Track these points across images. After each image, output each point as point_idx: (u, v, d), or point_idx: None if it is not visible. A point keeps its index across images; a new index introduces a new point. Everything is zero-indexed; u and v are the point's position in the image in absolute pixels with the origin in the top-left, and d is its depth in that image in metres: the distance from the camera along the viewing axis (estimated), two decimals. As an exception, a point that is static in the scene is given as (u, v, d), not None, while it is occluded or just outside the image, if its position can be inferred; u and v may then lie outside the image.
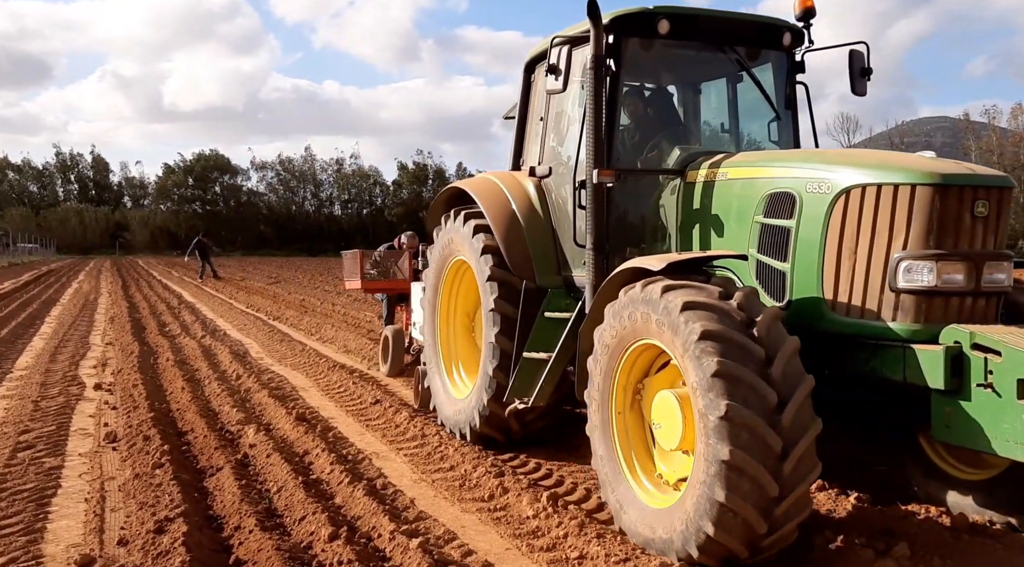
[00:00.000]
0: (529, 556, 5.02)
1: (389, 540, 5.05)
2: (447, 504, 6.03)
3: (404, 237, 13.08)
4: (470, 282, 7.84)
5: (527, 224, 7.07)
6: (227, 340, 15.14)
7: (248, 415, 8.67)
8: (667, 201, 6.34)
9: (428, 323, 8.32)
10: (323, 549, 4.88)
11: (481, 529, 5.51)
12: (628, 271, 5.33)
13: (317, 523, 5.23)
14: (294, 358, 13.01)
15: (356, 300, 24.07)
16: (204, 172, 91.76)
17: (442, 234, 8.01)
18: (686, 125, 7.32)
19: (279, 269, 45.34)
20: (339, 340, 15.02)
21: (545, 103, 7.25)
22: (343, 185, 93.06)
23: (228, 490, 6.03)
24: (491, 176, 7.73)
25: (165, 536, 4.96)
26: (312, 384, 10.90)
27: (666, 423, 4.94)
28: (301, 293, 27.31)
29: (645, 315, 4.87)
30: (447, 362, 8.13)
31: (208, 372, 11.35)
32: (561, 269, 6.98)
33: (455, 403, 7.75)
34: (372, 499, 5.78)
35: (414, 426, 8.10)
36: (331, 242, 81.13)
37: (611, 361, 5.29)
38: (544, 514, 5.56)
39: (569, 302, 6.76)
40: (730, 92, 7.05)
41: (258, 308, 21.85)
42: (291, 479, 6.19)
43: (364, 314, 19.45)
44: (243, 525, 5.29)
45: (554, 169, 7.03)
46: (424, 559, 4.68)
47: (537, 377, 6.63)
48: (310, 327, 17.24)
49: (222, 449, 7.20)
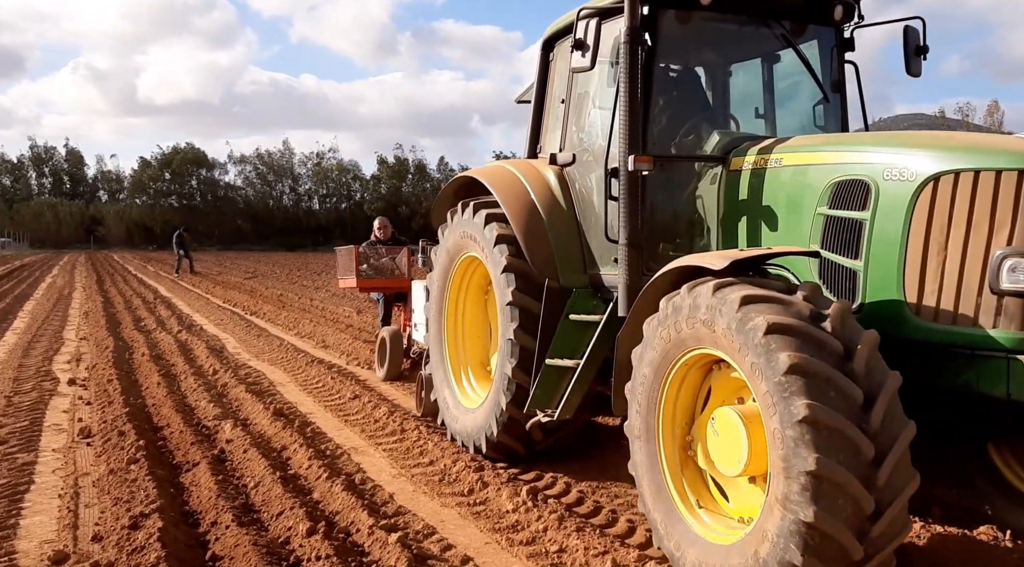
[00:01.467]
0: (509, 550, 5.00)
1: (368, 535, 5.02)
2: (426, 499, 6.00)
3: (376, 223, 12.48)
4: (481, 280, 7.28)
5: (549, 217, 6.38)
6: (204, 335, 15.01)
7: (225, 410, 8.60)
8: (705, 191, 5.72)
9: (434, 326, 7.61)
10: (301, 544, 4.84)
11: (460, 523, 5.49)
12: (675, 271, 4.67)
13: (295, 518, 5.18)
14: (272, 353, 12.92)
15: (334, 295, 23.97)
16: (181, 166, 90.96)
17: (450, 229, 7.33)
18: (717, 109, 6.60)
19: (257, 264, 45.05)
20: (317, 335, 14.94)
21: (568, 83, 6.58)
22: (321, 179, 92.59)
23: (205, 485, 5.97)
24: (506, 165, 7.01)
25: (140, 532, 4.91)
26: (290, 379, 10.83)
27: (727, 446, 4.20)
28: (279, 288, 27.13)
29: (706, 321, 4.15)
30: (456, 369, 7.44)
31: (184, 367, 11.24)
32: (587, 267, 6.30)
33: (467, 413, 7.04)
34: (351, 494, 5.75)
35: (393, 421, 8.06)
36: (309, 237, 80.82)
37: (656, 379, 4.59)
38: (524, 508, 5.55)
39: (596, 303, 6.13)
40: (765, 73, 6.40)
41: (235, 303, 21.68)
42: (268, 474, 6.14)
43: (343, 309, 19.37)
44: (220, 520, 5.24)
45: (579, 156, 6.41)
46: (403, 554, 4.65)
47: (562, 386, 6.03)
48: (288, 322, 17.14)
49: (198, 444, 7.13)
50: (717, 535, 4.30)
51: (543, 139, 7.12)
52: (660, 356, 4.53)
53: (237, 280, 31.52)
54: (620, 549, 4.79)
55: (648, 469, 4.68)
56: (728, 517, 4.45)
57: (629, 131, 5.32)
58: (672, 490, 4.58)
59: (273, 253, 67.77)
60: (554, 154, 6.59)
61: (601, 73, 6.10)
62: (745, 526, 4.18)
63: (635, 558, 4.63)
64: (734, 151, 5.60)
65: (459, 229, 7.12)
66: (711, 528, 4.39)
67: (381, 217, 12.44)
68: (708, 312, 4.15)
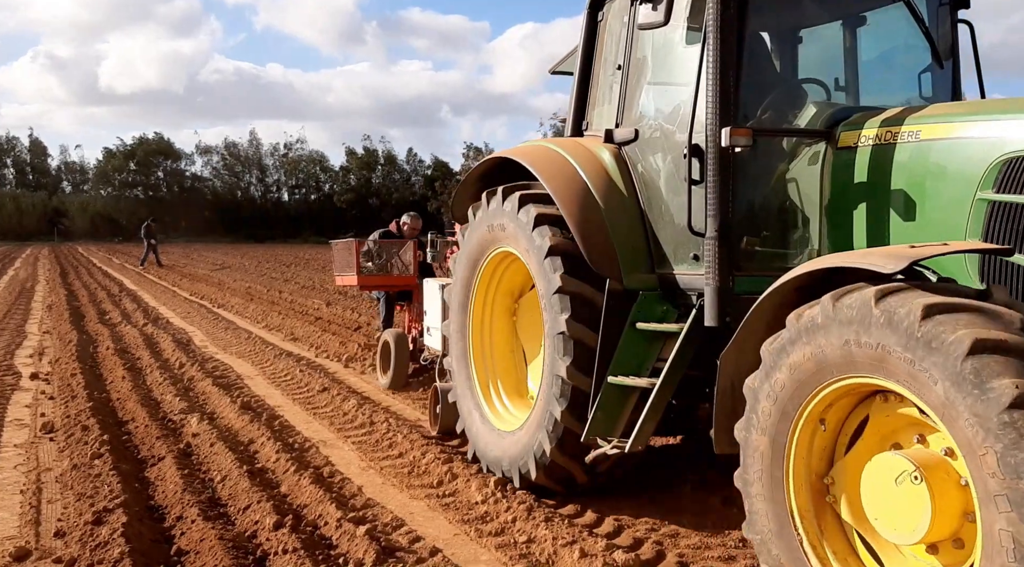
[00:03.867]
0: (478, 541, 5.01)
1: (336, 528, 5.01)
2: (395, 491, 5.99)
3: (407, 218, 11.01)
4: (512, 282, 6.32)
5: (607, 206, 5.32)
6: (170, 328, 14.85)
7: (191, 404, 8.51)
8: (801, 173, 4.77)
9: (456, 331, 6.50)
10: (268, 538, 4.82)
11: (430, 515, 5.49)
12: (802, 276, 3.74)
13: (262, 512, 5.15)
14: (239, 346, 12.81)
15: (303, 287, 23.83)
16: (146, 156, 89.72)
17: (472, 227, 6.29)
18: (804, 77, 5.69)
19: (225, 256, 44.60)
20: (286, 328, 14.84)
21: (626, 46, 5.56)
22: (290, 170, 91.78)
23: (170, 480, 5.91)
24: (548, 144, 6.00)
25: (104, 527, 4.85)
26: (258, 372, 10.74)
27: (896, 505, 3.24)
28: (247, 280, 26.89)
29: (867, 342, 3.23)
30: (483, 381, 6.34)
31: (150, 361, 11.11)
32: (655, 265, 5.27)
33: (498, 437, 6.00)
34: (318, 487, 5.72)
35: (362, 413, 8.03)
36: (278, 228, 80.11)
37: (784, 417, 3.61)
38: (493, 499, 5.56)
39: (666, 309, 5.15)
40: (847, 39, 5.50)
41: (202, 296, 21.47)
42: (235, 468, 6.09)
43: (312, 301, 19.25)
44: (185, 515, 5.19)
45: (642, 132, 5.38)
46: (371, 546, 4.64)
47: (626, 409, 5.08)
48: (256, 315, 17.00)
49: (164, 438, 7.06)
50: None
51: (589, 114, 6.12)
52: (791, 387, 3.55)
53: (204, 272, 31.19)
54: (588, 539, 4.81)
55: (776, 534, 3.67)
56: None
57: (720, 99, 4.46)
58: (811, 559, 3.59)
59: (241, 245, 67.11)
60: (610, 130, 5.57)
61: (673, 31, 5.16)
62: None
63: (603, 547, 4.65)
64: (843, 124, 4.63)
65: (485, 223, 6.07)
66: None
67: (414, 215, 11.08)
68: (870, 328, 3.20)
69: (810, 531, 3.60)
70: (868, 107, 4.88)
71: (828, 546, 3.59)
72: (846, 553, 3.58)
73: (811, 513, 3.61)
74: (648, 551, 4.73)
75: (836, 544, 3.59)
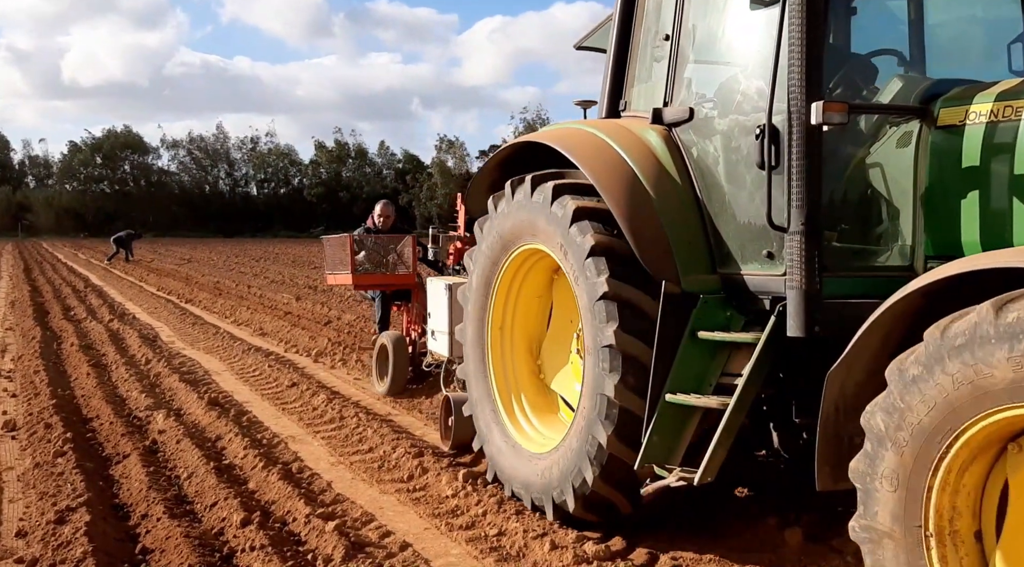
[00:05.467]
0: (448, 535, 4.98)
1: (304, 524, 4.96)
2: (365, 486, 5.94)
3: (379, 208, 10.24)
4: (536, 283, 5.62)
5: (659, 197, 4.61)
6: (136, 324, 14.64)
7: (158, 400, 8.40)
8: (890, 157, 4.19)
9: (472, 338, 5.81)
10: (235, 535, 4.76)
11: (400, 510, 5.45)
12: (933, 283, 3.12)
13: (229, 509, 5.09)
14: (207, 341, 12.66)
15: (273, 282, 23.63)
16: (112, 150, 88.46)
17: (502, 212, 5.46)
18: (883, 47, 5.06)
19: (193, 251, 44.11)
20: (255, 322, 14.70)
21: (675, 14, 4.88)
22: (259, 164, 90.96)
23: (135, 478, 5.83)
24: (583, 126, 5.29)
25: (67, 527, 4.76)
26: (226, 368, 10.62)
27: None
28: (215, 275, 26.61)
29: None
30: (504, 393, 5.61)
31: (116, 357, 10.95)
32: (717, 264, 4.57)
33: (525, 459, 5.27)
34: (287, 483, 5.66)
35: (332, 409, 7.97)
36: (247, 223, 79.39)
37: (922, 456, 2.95)
38: (463, 493, 5.54)
39: (731, 315, 4.43)
40: (912, 9, 4.98)
41: (170, 291, 21.21)
42: (202, 465, 6.01)
43: (281, 296, 19.10)
44: (150, 513, 5.12)
45: (698, 111, 4.71)
46: (340, 541, 4.60)
47: (686, 432, 4.37)
48: (224, 309, 16.83)
49: (129, 436, 6.95)
50: None
51: (628, 93, 5.45)
52: (933, 419, 2.91)
53: (172, 267, 30.82)
54: (559, 531, 4.80)
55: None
56: None
57: (808, 69, 3.81)
58: None
59: (210, 240, 66.41)
60: (658, 110, 4.88)
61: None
62: None
63: (573, 539, 4.65)
64: (941, 100, 4.04)
65: (510, 216, 5.34)
66: None
67: (384, 202, 10.40)
68: None
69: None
70: (966, 81, 4.23)
71: None
72: None
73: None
74: (618, 543, 4.71)
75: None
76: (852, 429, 3.27)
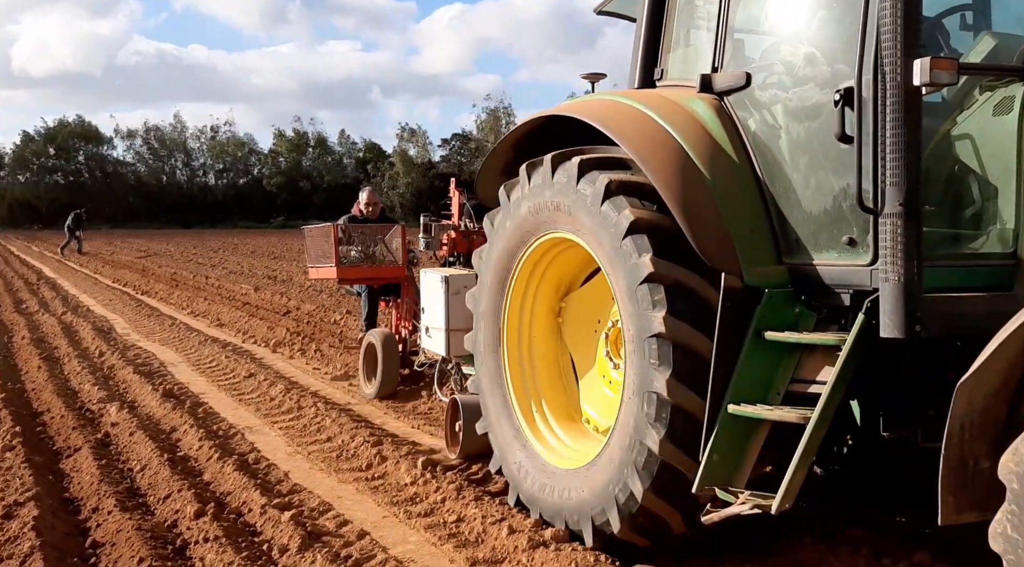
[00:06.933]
0: (407, 523, 4.95)
1: (260, 514, 4.90)
2: (323, 476, 5.89)
3: (364, 195, 9.58)
4: (562, 274, 5.01)
5: (713, 176, 4.00)
6: (90, 316, 14.38)
7: (111, 393, 8.25)
8: (985, 128, 3.68)
9: (486, 344, 5.17)
10: (188, 527, 4.69)
11: (358, 499, 5.41)
12: None
13: (183, 500, 5.01)
14: (163, 333, 12.47)
15: (231, 272, 23.34)
16: (66, 141, 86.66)
17: (517, 200, 4.84)
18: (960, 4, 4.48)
19: (149, 242, 43.38)
20: (212, 313, 14.51)
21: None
22: (217, 154, 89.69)
23: (86, 471, 5.72)
24: (617, 97, 4.61)
25: (14, 521, 4.66)
26: (182, 359, 10.46)
27: None
28: (172, 266, 26.22)
29: None
30: (524, 405, 4.99)
31: (68, 350, 10.74)
32: (783, 253, 3.96)
33: (553, 477, 4.61)
34: (243, 474, 5.59)
35: (290, 399, 7.88)
36: (205, 213, 78.25)
37: None
38: (422, 480, 5.50)
39: (801, 313, 3.85)
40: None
41: (125, 283, 20.85)
42: (156, 457, 5.92)
43: (239, 286, 18.86)
44: (101, 506, 5.02)
45: (757, 76, 4.11)
46: (297, 531, 4.55)
47: (750, 449, 3.78)
48: (181, 301, 16.58)
49: (81, 429, 6.82)
50: None
51: (664, 59, 4.83)
52: None
53: (128, 259, 30.31)
54: (517, 516, 4.79)
55: None
56: None
57: (907, 21, 3.26)
58: None
59: (167, 231, 65.39)
60: (707, 76, 4.30)
61: None
62: None
63: (532, 524, 4.63)
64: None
65: (527, 203, 4.71)
66: None
67: (369, 189, 9.80)
68: None
69: None
70: None
71: None
72: None
73: None
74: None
75: None
76: (978, 450, 2.88)
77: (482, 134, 71.91)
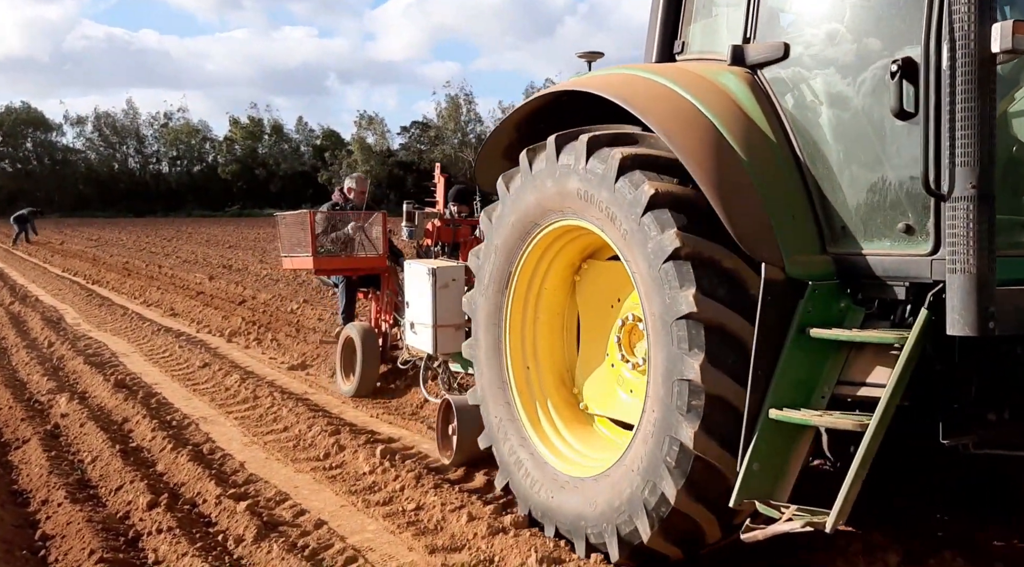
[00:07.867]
0: (365, 511, 4.92)
1: (215, 505, 4.84)
2: (280, 465, 5.82)
3: (351, 182, 9.04)
4: (563, 268, 4.64)
5: (750, 156, 3.63)
6: (39, 306, 14.06)
7: (61, 384, 8.09)
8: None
9: (487, 349, 4.77)
10: (141, 518, 4.62)
11: (315, 488, 5.36)
12: None
13: (135, 492, 4.93)
14: (115, 323, 12.24)
15: (185, 261, 22.97)
16: (14, 127, 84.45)
17: (515, 192, 4.49)
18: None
19: (101, 231, 42.52)
20: (165, 303, 14.27)
21: None
22: (170, 141, 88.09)
23: (35, 463, 5.60)
24: (638, 71, 4.17)
25: (-41, 515, 4.54)
26: (134, 349, 10.28)
27: None
28: (124, 255, 25.74)
29: None
30: (530, 411, 4.60)
31: (16, 340, 10.50)
32: (828, 242, 3.62)
33: (567, 488, 4.19)
34: (197, 464, 5.51)
35: (245, 388, 7.79)
36: (159, 201, 76.95)
37: None
38: (380, 469, 5.47)
39: (848, 308, 3.52)
40: None
41: (76, 272, 20.42)
42: (107, 448, 5.81)
43: (193, 275, 18.57)
44: (51, 498, 4.93)
45: (795, 47, 3.76)
46: (252, 521, 4.50)
47: (794, 458, 3.43)
48: (133, 290, 16.29)
49: (29, 420, 6.68)
50: None
51: (685, 31, 4.49)
52: None
53: (79, 248, 29.67)
54: (476, 503, 4.79)
55: None
56: None
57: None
58: None
59: (119, 219, 64.17)
60: (739, 47, 3.95)
61: None
62: None
63: (491, 511, 4.64)
64: None
65: (527, 195, 4.36)
66: None
67: (359, 175, 9.35)
68: None
69: None
70: None
71: None
72: None
73: None
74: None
75: None
76: None
77: (442, 122, 71.52)
